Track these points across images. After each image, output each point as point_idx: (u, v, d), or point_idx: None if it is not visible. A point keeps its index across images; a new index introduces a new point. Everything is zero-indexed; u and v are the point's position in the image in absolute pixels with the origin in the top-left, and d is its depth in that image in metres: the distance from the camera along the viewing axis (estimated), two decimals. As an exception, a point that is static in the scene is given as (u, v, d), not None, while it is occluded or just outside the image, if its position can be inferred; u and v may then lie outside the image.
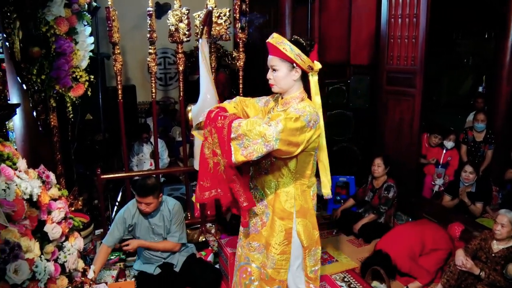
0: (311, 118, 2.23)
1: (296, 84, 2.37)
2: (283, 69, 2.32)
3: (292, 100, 2.36)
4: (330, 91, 5.68)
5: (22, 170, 2.33)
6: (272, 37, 2.32)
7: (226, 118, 2.25)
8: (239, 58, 4.62)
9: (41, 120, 3.47)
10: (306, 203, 2.47)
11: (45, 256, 2.25)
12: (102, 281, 3.32)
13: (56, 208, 2.52)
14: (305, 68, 2.32)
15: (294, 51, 2.27)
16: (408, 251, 3.68)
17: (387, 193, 4.50)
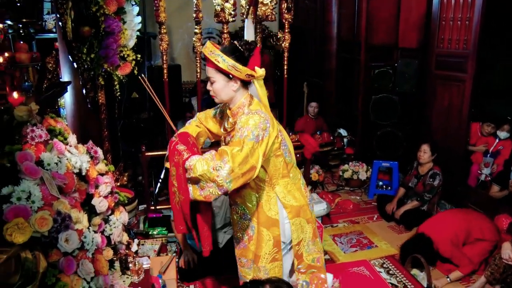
0: (258, 130, 2.09)
1: (238, 93, 2.24)
2: (219, 80, 2.19)
3: (239, 110, 2.26)
4: (376, 75, 5.59)
5: (72, 145, 2.45)
6: (204, 47, 2.17)
7: (181, 154, 2.15)
8: (284, 39, 4.61)
9: (90, 97, 3.61)
10: (297, 201, 2.40)
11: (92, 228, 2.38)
12: (145, 254, 3.45)
13: (103, 182, 2.65)
14: (243, 78, 2.17)
15: (227, 62, 2.11)
16: (452, 237, 3.61)
17: (432, 180, 4.42)
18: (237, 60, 2.12)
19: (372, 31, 5.34)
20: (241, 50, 2.15)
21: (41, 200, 1.84)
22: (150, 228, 4.03)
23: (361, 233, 4.37)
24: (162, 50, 4.17)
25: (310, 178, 5.36)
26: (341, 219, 4.78)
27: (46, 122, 2.30)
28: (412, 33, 5.42)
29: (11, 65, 2.25)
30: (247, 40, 2.23)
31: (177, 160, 2.16)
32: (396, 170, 5.27)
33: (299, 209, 2.39)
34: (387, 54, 5.69)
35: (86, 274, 1.99)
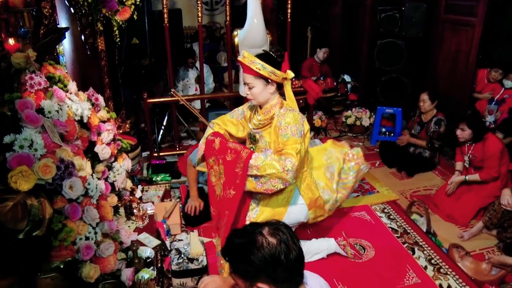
0: (300, 126, 2.41)
1: (273, 93, 2.52)
2: (258, 85, 2.45)
3: (272, 108, 2.53)
4: (382, 19, 5.42)
5: (73, 92, 2.44)
6: (243, 57, 2.41)
7: (238, 153, 2.36)
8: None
9: (89, 44, 3.55)
10: (313, 194, 2.72)
11: (96, 174, 2.41)
12: (149, 200, 3.51)
13: (105, 129, 2.66)
14: (279, 81, 2.46)
15: (267, 69, 2.37)
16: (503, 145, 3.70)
17: (438, 127, 4.41)
18: (274, 66, 2.39)
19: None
20: (274, 57, 2.44)
21: (44, 148, 1.86)
22: (153, 175, 4.09)
23: (363, 179, 4.38)
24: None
25: (313, 124, 5.37)
26: (343, 166, 4.80)
27: (45, 69, 2.28)
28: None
29: (5, 10, 2.19)
30: (277, 47, 2.51)
31: (232, 158, 2.38)
32: (400, 117, 5.24)
33: (315, 200, 2.74)
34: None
35: (92, 220, 2.04)
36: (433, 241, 3.35)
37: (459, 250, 3.16)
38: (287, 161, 2.27)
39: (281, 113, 2.47)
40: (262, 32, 4.08)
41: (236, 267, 1.36)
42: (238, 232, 1.39)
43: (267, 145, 2.56)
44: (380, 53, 5.42)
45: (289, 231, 1.36)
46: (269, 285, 1.31)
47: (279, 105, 2.53)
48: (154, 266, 2.58)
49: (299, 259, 1.33)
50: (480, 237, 3.49)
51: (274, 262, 1.28)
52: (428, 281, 2.85)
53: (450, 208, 3.74)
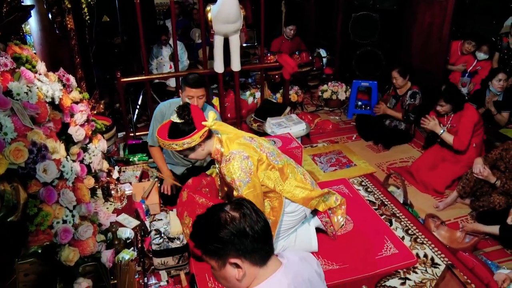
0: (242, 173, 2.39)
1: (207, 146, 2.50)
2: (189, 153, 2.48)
3: (217, 156, 2.54)
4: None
5: (42, 73, 2.37)
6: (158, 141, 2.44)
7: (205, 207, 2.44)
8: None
9: (57, 22, 3.44)
10: (303, 191, 2.70)
11: (71, 157, 2.36)
12: (127, 181, 3.48)
13: (79, 111, 2.60)
14: (202, 139, 2.42)
15: (180, 145, 2.38)
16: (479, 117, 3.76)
17: (414, 100, 4.44)
18: (186, 135, 2.37)
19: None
20: (183, 122, 2.37)
21: (14, 132, 1.80)
22: (130, 155, 4.05)
23: (340, 153, 4.46)
24: None
25: (290, 98, 5.37)
26: (321, 139, 4.86)
27: (11, 50, 2.20)
28: None
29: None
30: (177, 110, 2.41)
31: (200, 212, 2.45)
32: (375, 90, 5.29)
33: (308, 199, 2.73)
34: None
35: (68, 203, 2.00)
36: (410, 212, 3.42)
37: (434, 220, 3.24)
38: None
39: (222, 166, 2.49)
40: (235, 7, 4.02)
41: (206, 249, 1.39)
42: (202, 215, 1.42)
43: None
44: (355, 26, 5.40)
45: (252, 205, 1.42)
46: (239, 259, 1.35)
47: (219, 151, 2.53)
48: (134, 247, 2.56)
49: (265, 229, 1.38)
50: (455, 206, 3.58)
51: (240, 234, 1.33)
52: (405, 251, 2.92)
53: (425, 177, 3.81)
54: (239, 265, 1.35)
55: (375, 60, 5.37)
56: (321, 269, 1.58)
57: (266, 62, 5.26)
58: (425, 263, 2.86)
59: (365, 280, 2.71)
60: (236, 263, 1.35)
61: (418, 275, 2.76)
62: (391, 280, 2.72)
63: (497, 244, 3.09)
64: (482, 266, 2.76)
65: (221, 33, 4.19)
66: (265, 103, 5.16)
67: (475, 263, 2.78)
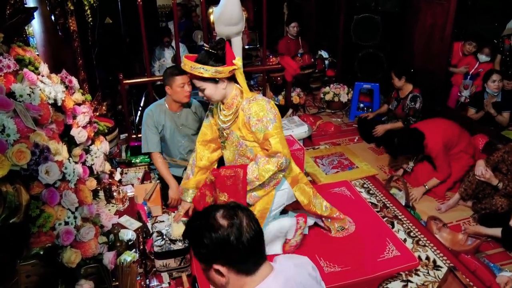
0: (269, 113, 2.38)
1: (228, 88, 2.47)
2: (209, 87, 2.41)
3: (233, 101, 2.49)
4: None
5: (45, 75, 2.37)
6: (184, 65, 2.37)
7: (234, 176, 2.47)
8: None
9: (60, 24, 3.44)
10: (293, 171, 2.71)
11: (73, 158, 2.37)
12: (129, 183, 3.48)
13: (81, 112, 2.60)
14: (228, 76, 2.39)
15: (209, 71, 2.32)
16: (445, 139, 3.65)
17: (414, 104, 4.39)
18: (216, 64, 2.33)
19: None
20: (215, 53, 2.34)
21: (17, 133, 1.80)
22: (132, 157, 4.04)
23: (342, 155, 4.44)
24: None
25: (292, 100, 5.35)
26: (323, 141, 4.84)
27: (14, 52, 2.20)
28: None
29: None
30: (216, 40, 2.40)
31: (231, 182, 2.48)
32: (377, 92, 5.28)
33: (296, 177, 2.73)
34: None
35: (70, 204, 2.00)
36: (412, 214, 3.41)
37: (436, 222, 3.23)
38: (278, 158, 2.38)
39: (245, 107, 2.44)
40: (237, 9, 4.02)
41: (194, 250, 1.37)
42: (197, 214, 1.39)
43: (238, 139, 2.55)
44: (357, 28, 5.38)
45: (246, 213, 1.35)
46: (224, 267, 1.31)
47: (240, 95, 2.50)
48: (136, 249, 2.56)
49: (255, 240, 1.31)
50: (457, 208, 3.56)
51: (224, 245, 1.28)
52: (407, 253, 2.90)
53: (427, 180, 3.78)
54: (222, 273, 1.30)
55: (377, 62, 5.36)
56: (317, 272, 1.53)
57: (268, 64, 5.26)
58: (427, 266, 2.85)
59: (367, 282, 2.69)
60: (219, 270, 1.31)
61: (420, 278, 2.75)
62: (393, 282, 2.71)
63: (500, 247, 3.07)
64: (485, 269, 2.74)
65: (223, 35, 4.18)
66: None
67: (477, 266, 2.77)
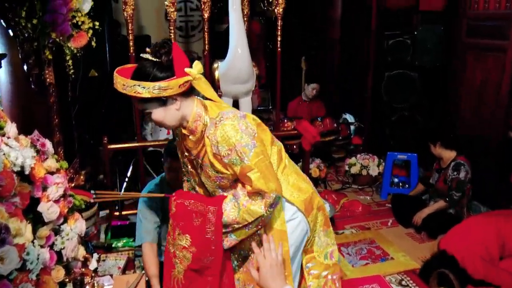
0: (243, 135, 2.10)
1: (184, 108, 2.16)
2: (155, 109, 2.11)
3: (197, 124, 2.19)
4: (389, 46, 5.55)
5: (12, 137, 2.33)
6: (116, 83, 2.08)
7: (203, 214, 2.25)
8: (277, 3, 4.53)
9: (34, 75, 3.49)
10: (304, 193, 2.42)
11: (38, 241, 2.27)
12: (107, 273, 3.37)
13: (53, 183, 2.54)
14: (178, 91, 2.06)
15: (149, 89, 1.99)
16: (482, 252, 3.52)
17: (457, 173, 4.36)
18: (158, 78, 2.02)
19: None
20: (157, 62, 2.04)
21: (-32, 208, 1.73)
22: (113, 240, 3.98)
23: (373, 242, 4.38)
24: (126, 16, 4.10)
25: (310, 174, 5.34)
26: (348, 225, 4.80)
27: (-26, 107, 2.18)
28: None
29: None
30: (155, 44, 2.12)
31: (199, 223, 2.25)
32: (415, 164, 5.25)
33: (310, 200, 2.42)
34: (404, 20, 5.66)
35: (29, 303, 1.89)
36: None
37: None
38: (266, 198, 2.10)
39: (210, 132, 2.14)
40: (247, 64, 4.08)
41: None
42: None
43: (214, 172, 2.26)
44: (389, 86, 5.50)
45: None
46: None
47: (204, 115, 2.19)
48: None
49: None
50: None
51: None
52: None
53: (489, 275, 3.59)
54: None
55: (415, 128, 5.39)
56: None
57: (282, 129, 5.28)
58: None
59: None
60: None
61: None
62: None
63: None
64: None
65: (230, 94, 4.24)
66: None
67: None
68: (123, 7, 4.04)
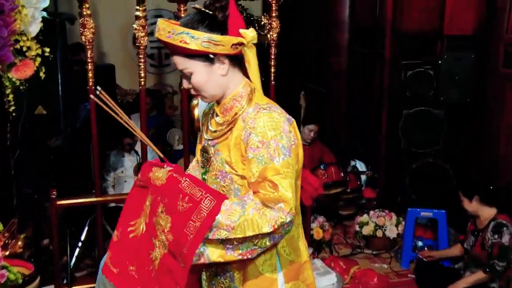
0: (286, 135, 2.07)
1: (230, 77, 2.20)
2: (198, 69, 2.14)
3: (233, 102, 2.21)
4: (408, 78, 5.56)
5: None
6: (157, 29, 2.12)
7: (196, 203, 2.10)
8: (270, 27, 4.53)
9: (-40, 113, 3.41)
10: (298, 256, 2.33)
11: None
12: None
13: (-21, 253, 2.42)
14: (229, 52, 2.11)
15: (199, 39, 2.03)
16: None
17: (499, 236, 4.23)
18: (211, 31, 2.06)
19: (402, 11, 5.39)
20: (211, 16, 2.09)
21: None
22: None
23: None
24: (85, 41, 4.04)
25: (312, 235, 5.28)
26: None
27: None
28: (466, 13, 5.39)
29: None
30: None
31: (183, 208, 2.09)
32: (444, 223, 5.15)
33: (298, 268, 2.34)
34: (426, 46, 5.73)
35: None
36: None
37: None
38: (281, 212, 1.95)
39: (249, 115, 2.13)
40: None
41: None
42: None
43: (223, 165, 2.23)
44: (408, 127, 5.52)
45: None
46: None
47: (246, 97, 2.20)
48: None
49: None
50: None
51: None
52: None
53: None
54: None
55: (441, 178, 5.32)
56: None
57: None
58: None
59: None
60: None
61: None
62: None
63: None
64: None
65: (213, 136, 4.11)
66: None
67: None
68: (80, 30, 4.00)
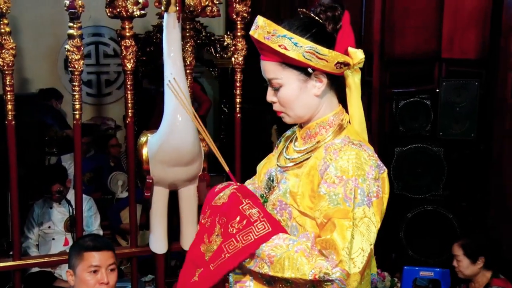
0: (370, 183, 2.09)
1: (323, 101, 2.26)
2: (291, 81, 2.21)
3: (319, 129, 2.28)
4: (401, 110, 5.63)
5: None
6: (255, 27, 2.18)
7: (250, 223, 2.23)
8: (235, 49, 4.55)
9: None
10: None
11: None
12: None
13: None
14: (331, 70, 2.16)
15: (301, 47, 2.09)
16: None
17: (495, 308, 4.39)
18: (317, 41, 2.11)
19: (393, 33, 5.42)
20: (320, 23, 2.16)
21: None
22: None
23: None
24: (3, 65, 3.99)
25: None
26: None
27: None
28: (467, 34, 5.50)
29: None
30: (322, 2, 2.22)
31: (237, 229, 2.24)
32: (448, 285, 5.24)
33: None
34: (422, 71, 5.81)
35: None
36: None
37: None
38: (330, 262, 1.99)
39: (334, 146, 2.17)
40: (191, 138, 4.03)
41: None
42: None
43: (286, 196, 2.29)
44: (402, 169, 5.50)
45: None
46: None
47: (336, 127, 2.26)
48: None
49: None
50: None
51: None
52: None
53: None
54: None
55: (443, 229, 5.39)
56: None
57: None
58: None
59: None
60: None
61: None
62: None
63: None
64: None
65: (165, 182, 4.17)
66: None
67: None
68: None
